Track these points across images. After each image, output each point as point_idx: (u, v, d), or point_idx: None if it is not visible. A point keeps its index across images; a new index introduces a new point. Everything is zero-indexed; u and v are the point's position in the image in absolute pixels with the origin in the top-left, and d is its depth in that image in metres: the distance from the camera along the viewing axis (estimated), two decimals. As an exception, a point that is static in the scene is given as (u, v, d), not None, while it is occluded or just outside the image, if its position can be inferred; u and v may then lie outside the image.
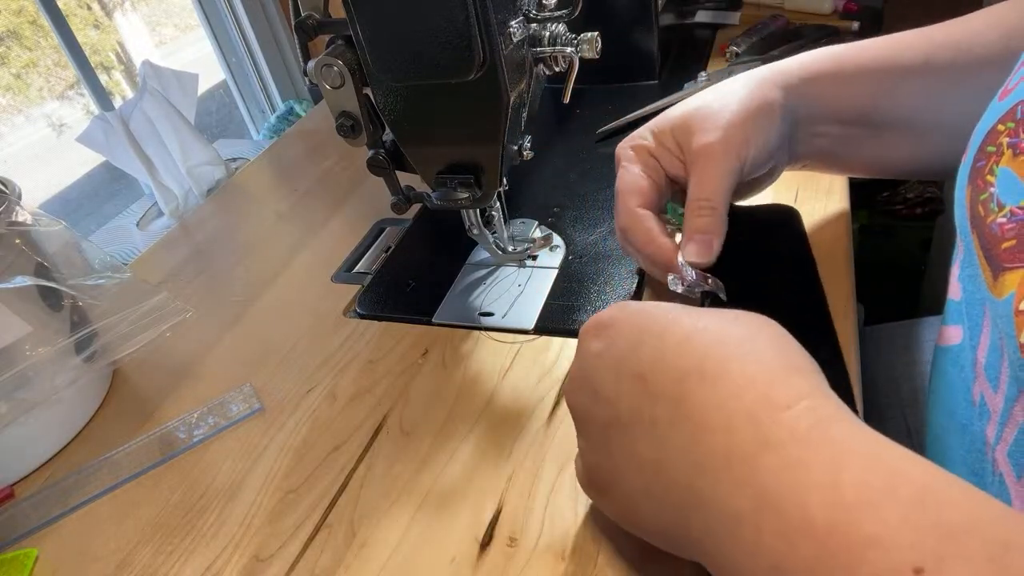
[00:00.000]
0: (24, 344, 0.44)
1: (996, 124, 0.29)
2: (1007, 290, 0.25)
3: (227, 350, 0.53)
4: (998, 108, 0.29)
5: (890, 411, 0.50)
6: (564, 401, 0.42)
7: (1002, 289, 0.26)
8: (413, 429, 0.43)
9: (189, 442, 0.45)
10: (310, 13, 0.42)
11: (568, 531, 0.35)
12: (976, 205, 0.29)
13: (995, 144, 0.28)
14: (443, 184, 0.46)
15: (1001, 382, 0.27)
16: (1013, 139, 0.27)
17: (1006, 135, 0.28)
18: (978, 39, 0.40)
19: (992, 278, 0.27)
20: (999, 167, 0.27)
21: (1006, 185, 0.27)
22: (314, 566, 0.36)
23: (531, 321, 0.48)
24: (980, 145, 0.30)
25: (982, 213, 0.28)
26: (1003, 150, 0.28)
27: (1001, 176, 0.27)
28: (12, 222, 0.44)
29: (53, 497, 0.44)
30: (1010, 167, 0.27)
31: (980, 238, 0.28)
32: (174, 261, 0.67)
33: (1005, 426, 0.27)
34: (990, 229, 0.27)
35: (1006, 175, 0.27)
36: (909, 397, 0.50)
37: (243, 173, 0.85)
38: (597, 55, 0.42)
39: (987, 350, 0.28)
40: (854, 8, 0.85)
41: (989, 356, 0.28)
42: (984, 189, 0.28)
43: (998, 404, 0.27)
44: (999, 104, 0.29)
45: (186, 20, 1.88)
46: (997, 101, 0.30)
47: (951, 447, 0.32)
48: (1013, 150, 0.27)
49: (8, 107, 1.49)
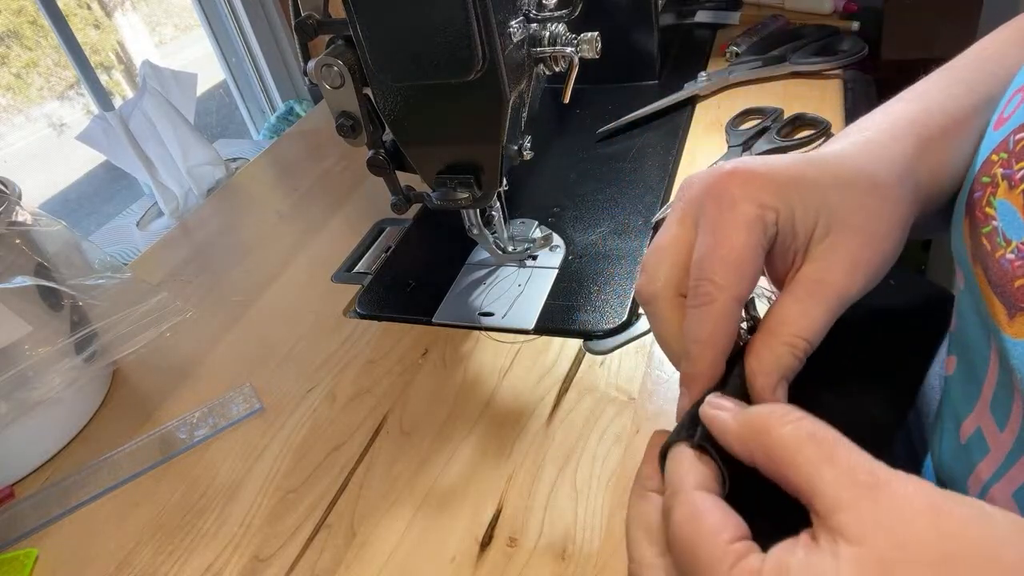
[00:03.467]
0: (24, 344, 0.44)
1: (990, 155, 0.28)
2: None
3: (227, 350, 0.53)
4: (993, 138, 0.28)
5: None
6: (564, 401, 0.42)
7: (1020, 330, 0.25)
8: (413, 429, 0.43)
9: (189, 442, 0.45)
10: (310, 13, 0.42)
11: (568, 531, 0.35)
12: (979, 237, 0.27)
13: (989, 175, 0.27)
14: (443, 184, 0.46)
15: (1012, 421, 0.26)
16: (1007, 170, 0.26)
17: (999, 165, 0.27)
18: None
19: (1007, 316, 0.25)
20: (996, 199, 0.26)
21: (1009, 219, 0.26)
22: (314, 566, 0.36)
23: (531, 321, 0.48)
24: (976, 176, 0.29)
25: (988, 247, 0.27)
26: (998, 180, 0.27)
27: (1001, 209, 0.26)
28: (12, 222, 0.44)
29: (53, 497, 0.44)
30: (1008, 200, 0.26)
31: (987, 272, 0.27)
32: (174, 261, 0.67)
33: (1013, 466, 0.26)
34: (1000, 265, 0.26)
35: (1006, 209, 0.26)
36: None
37: (243, 173, 0.85)
38: (597, 55, 0.42)
39: (995, 387, 0.27)
40: (854, 8, 0.85)
41: (997, 392, 0.27)
42: (986, 222, 0.27)
43: (1005, 443, 0.26)
44: (994, 134, 0.28)
45: (186, 20, 1.88)
46: (992, 131, 0.29)
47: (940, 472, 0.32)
48: (1008, 182, 0.26)
49: (8, 107, 1.49)
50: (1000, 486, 0.26)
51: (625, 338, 0.45)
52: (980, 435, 0.28)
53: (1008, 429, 0.26)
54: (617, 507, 0.35)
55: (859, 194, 0.27)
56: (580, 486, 0.37)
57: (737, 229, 0.26)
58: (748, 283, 0.26)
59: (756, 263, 0.26)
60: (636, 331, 0.46)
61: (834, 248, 0.27)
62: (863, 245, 0.27)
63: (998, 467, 0.27)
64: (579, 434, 0.40)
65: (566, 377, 0.44)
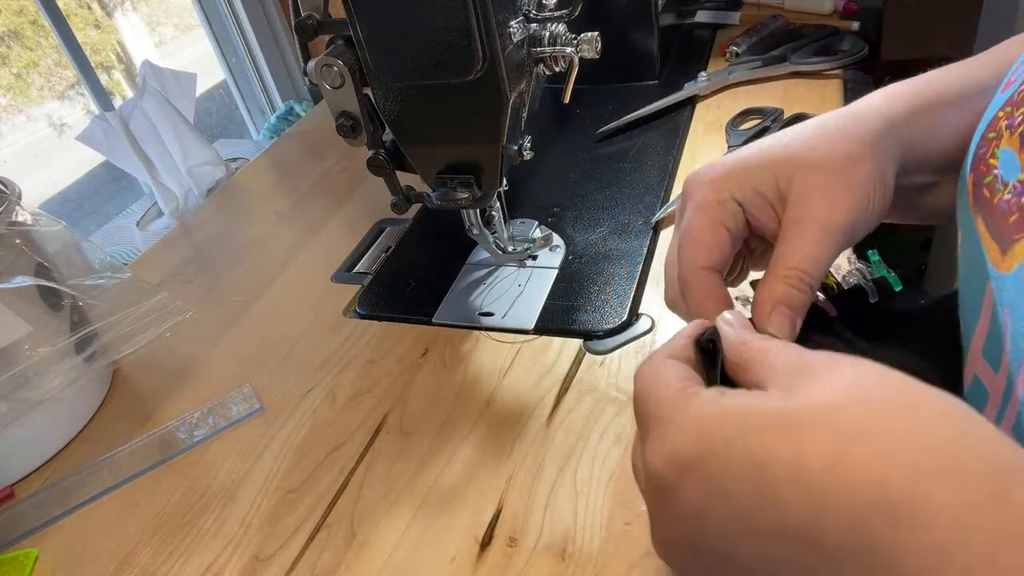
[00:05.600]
0: (24, 344, 0.44)
1: (997, 112, 0.29)
2: (1016, 261, 0.25)
3: (227, 350, 0.53)
4: (999, 99, 0.29)
5: None
6: (564, 401, 0.42)
7: (1011, 262, 0.25)
8: (413, 429, 0.43)
9: (189, 442, 0.45)
10: (310, 13, 0.42)
11: (568, 531, 0.35)
12: (980, 189, 0.28)
13: (995, 130, 0.28)
14: (443, 184, 0.46)
15: (1003, 361, 0.26)
16: (1010, 120, 0.27)
17: (1004, 119, 0.28)
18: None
19: (1000, 254, 0.26)
20: (1000, 148, 0.27)
21: (1008, 164, 0.26)
22: (314, 566, 0.36)
23: (531, 321, 0.48)
24: (982, 133, 0.29)
25: (987, 195, 0.27)
26: (1001, 132, 0.27)
27: (1002, 157, 0.27)
28: (12, 222, 0.44)
29: (53, 497, 0.44)
30: (1009, 146, 0.27)
31: (986, 219, 0.28)
32: (174, 261, 0.67)
33: (1007, 406, 0.26)
34: (998, 208, 0.26)
35: (1007, 155, 0.27)
36: None
37: (243, 173, 0.85)
38: (597, 55, 0.42)
39: (986, 333, 0.28)
40: (854, 8, 0.85)
41: (988, 339, 0.28)
42: (987, 172, 0.28)
43: (999, 385, 0.27)
44: (1000, 96, 0.29)
45: (186, 20, 1.88)
46: (999, 93, 0.30)
47: None
48: (1010, 130, 0.27)
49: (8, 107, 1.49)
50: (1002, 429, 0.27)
51: (625, 338, 0.45)
52: (978, 383, 0.28)
53: (1000, 371, 0.27)
54: (617, 507, 0.35)
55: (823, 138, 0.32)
56: (580, 486, 0.37)
57: (693, 212, 0.32)
58: (707, 253, 0.32)
59: (714, 235, 0.32)
60: (636, 331, 0.46)
61: (806, 190, 0.31)
62: (833, 177, 0.31)
63: (997, 411, 0.27)
64: (579, 434, 0.40)
65: (566, 377, 0.44)
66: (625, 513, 0.35)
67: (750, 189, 0.32)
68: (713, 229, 0.32)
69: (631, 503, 0.35)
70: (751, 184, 0.32)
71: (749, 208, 0.32)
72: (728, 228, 0.32)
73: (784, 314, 0.29)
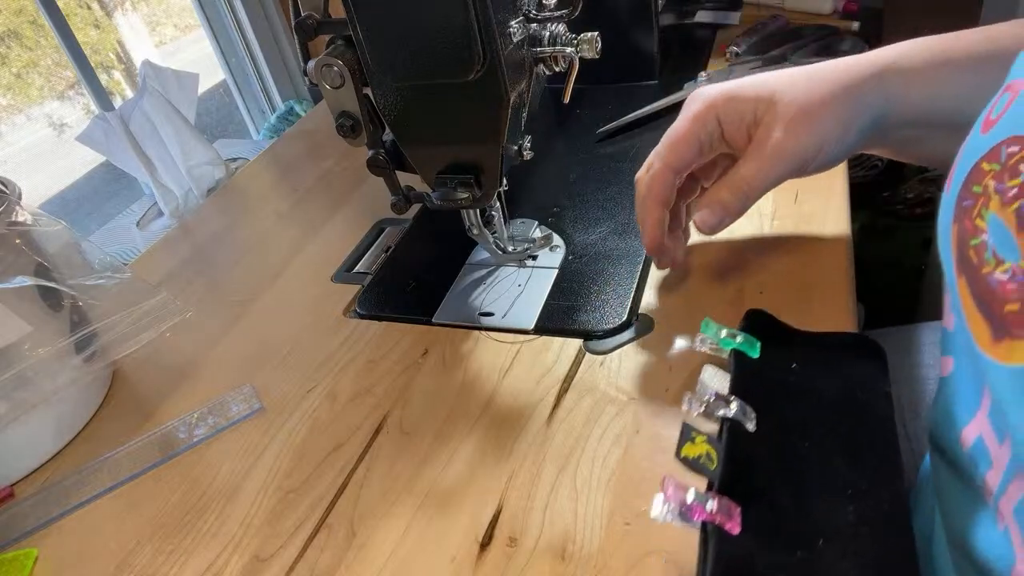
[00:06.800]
0: (24, 344, 0.44)
1: (980, 161, 0.28)
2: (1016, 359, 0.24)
3: (227, 350, 0.53)
4: (981, 142, 0.28)
5: None
6: (564, 401, 0.42)
7: (1009, 355, 0.24)
8: (413, 429, 0.43)
9: (189, 442, 0.45)
10: (310, 13, 0.42)
11: (568, 531, 0.35)
12: (966, 248, 0.27)
13: (980, 184, 0.27)
14: (443, 184, 0.46)
15: (1007, 437, 0.26)
16: (999, 184, 0.26)
17: (991, 177, 0.27)
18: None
19: (991, 337, 0.25)
20: (988, 212, 0.26)
21: (1000, 237, 0.25)
22: (314, 566, 0.36)
23: (531, 321, 0.48)
24: (964, 181, 0.28)
25: (974, 260, 0.26)
26: (990, 193, 0.26)
27: (992, 224, 0.26)
28: (12, 222, 0.44)
29: (53, 497, 0.44)
30: (1000, 217, 0.25)
31: (972, 285, 0.27)
32: (174, 261, 0.67)
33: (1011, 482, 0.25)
34: (987, 282, 0.26)
35: (998, 225, 0.25)
36: (908, 402, 0.49)
37: (243, 173, 0.85)
38: (597, 55, 0.42)
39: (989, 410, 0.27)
40: (854, 8, 0.85)
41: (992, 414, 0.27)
42: (975, 233, 0.27)
43: (1003, 457, 0.26)
44: (982, 137, 0.28)
45: (186, 20, 1.88)
46: (980, 134, 0.28)
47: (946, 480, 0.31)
48: (1001, 197, 0.26)
49: (8, 107, 1.49)
50: (1004, 501, 0.26)
51: (625, 338, 0.45)
52: (982, 444, 0.28)
53: (1005, 444, 0.26)
54: (617, 507, 0.35)
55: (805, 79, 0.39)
56: (580, 486, 0.37)
57: (681, 120, 0.41)
58: (679, 156, 0.41)
59: (687, 144, 0.41)
60: (636, 331, 0.46)
61: (774, 119, 0.38)
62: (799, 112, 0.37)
63: (1000, 481, 0.26)
64: (579, 434, 0.40)
65: (566, 377, 0.44)
66: (625, 513, 0.35)
67: (734, 112, 0.40)
68: (688, 139, 0.41)
69: (631, 503, 0.35)
70: (736, 109, 0.40)
71: (728, 128, 0.40)
72: (701, 142, 0.41)
73: (714, 210, 0.39)
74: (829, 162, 0.39)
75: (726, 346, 0.39)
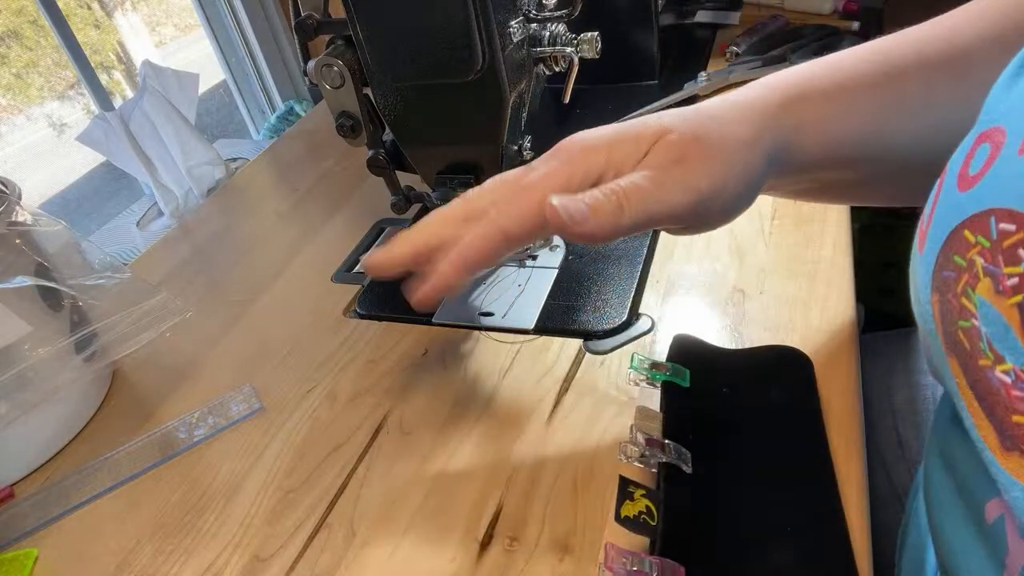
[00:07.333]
0: (24, 344, 0.44)
1: (962, 228, 0.24)
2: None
3: (227, 350, 0.53)
4: (960, 202, 0.24)
5: (882, 420, 0.49)
6: (564, 401, 0.42)
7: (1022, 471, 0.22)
8: (413, 429, 0.43)
9: (189, 442, 0.45)
10: (310, 13, 0.42)
11: (568, 531, 0.35)
12: (952, 327, 0.24)
13: (964, 258, 0.23)
14: (443, 184, 0.46)
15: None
16: (991, 266, 0.22)
17: (978, 252, 0.23)
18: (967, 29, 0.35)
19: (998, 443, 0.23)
20: (976, 294, 0.23)
21: (996, 329, 0.22)
22: (314, 566, 0.36)
23: (531, 321, 0.48)
24: (942, 247, 0.25)
25: (966, 345, 0.23)
26: (977, 272, 0.23)
27: (984, 310, 0.22)
28: (12, 222, 0.44)
29: (53, 497, 0.44)
30: (997, 308, 0.22)
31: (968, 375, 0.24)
32: (174, 261, 0.67)
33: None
34: (987, 379, 0.23)
35: (993, 317, 0.22)
36: (903, 406, 0.49)
37: (243, 173, 0.85)
38: (597, 55, 0.42)
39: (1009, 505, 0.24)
40: (854, 8, 0.85)
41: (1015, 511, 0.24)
42: (962, 315, 0.23)
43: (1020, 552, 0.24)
44: (960, 196, 0.24)
45: (186, 20, 1.89)
46: (957, 191, 0.24)
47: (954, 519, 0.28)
48: (994, 282, 0.22)
49: (8, 107, 1.49)
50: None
51: (625, 338, 0.45)
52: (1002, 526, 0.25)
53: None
54: (617, 507, 0.35)
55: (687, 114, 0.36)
56: (580, 486, 0.37)
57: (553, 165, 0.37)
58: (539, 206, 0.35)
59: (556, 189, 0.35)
60: (636, 331, 0.46)
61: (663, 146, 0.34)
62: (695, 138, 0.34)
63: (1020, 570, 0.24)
64: (579, 434, 0.40)
65: (566, 377, 0.44)
66: (625, 513, 0.35)
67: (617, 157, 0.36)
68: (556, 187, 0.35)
69: (631, 503, 0.35)
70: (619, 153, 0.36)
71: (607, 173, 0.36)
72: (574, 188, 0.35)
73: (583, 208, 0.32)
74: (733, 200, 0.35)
75: (656, 379, 0.40)
